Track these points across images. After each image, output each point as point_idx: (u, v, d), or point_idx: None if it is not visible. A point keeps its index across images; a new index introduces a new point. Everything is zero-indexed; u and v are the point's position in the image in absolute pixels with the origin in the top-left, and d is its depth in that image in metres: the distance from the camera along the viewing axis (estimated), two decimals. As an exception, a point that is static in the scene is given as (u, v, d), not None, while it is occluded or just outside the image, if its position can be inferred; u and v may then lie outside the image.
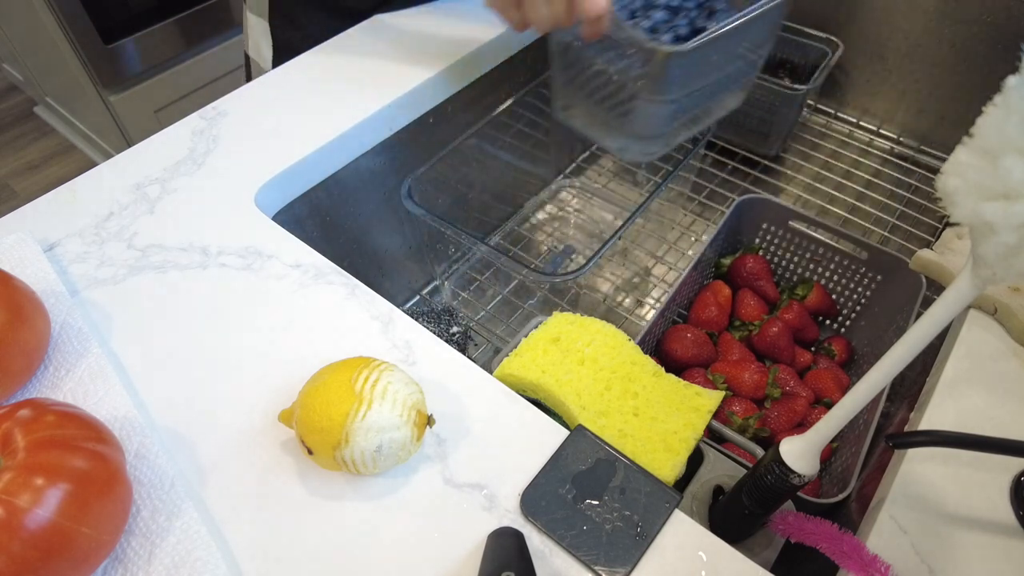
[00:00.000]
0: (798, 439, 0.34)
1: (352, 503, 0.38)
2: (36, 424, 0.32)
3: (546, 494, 0.38)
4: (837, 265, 0.67)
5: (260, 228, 0.53)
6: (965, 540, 0.39)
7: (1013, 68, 0.25)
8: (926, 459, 0.42)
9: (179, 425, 0.42)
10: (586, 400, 0.46)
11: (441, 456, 0.40)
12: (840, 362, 0.66)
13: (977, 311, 0.51)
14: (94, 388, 0.42)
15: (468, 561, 0.36)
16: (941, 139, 0.87)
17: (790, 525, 0.37)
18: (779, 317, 0.65)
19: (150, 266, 0.50)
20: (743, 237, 0.72)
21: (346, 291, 0.49)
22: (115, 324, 0.47)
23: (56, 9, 1.34)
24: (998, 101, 0.25)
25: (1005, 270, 0.26)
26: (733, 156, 0.88)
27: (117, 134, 1.64)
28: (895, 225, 0.78)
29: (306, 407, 0.37)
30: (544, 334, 0.50)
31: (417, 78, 0.66)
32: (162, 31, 1.51)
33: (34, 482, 0.30)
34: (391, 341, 0.46)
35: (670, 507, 0.38)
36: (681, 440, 0.44)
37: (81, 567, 0.32)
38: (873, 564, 0.33)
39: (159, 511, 0.37)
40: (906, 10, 0.81)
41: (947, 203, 0.27)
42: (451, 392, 0.43)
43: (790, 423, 0.59)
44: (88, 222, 0.53)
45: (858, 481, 0.48)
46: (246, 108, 0.63)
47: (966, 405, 0.45)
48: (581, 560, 0.36)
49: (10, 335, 0.39)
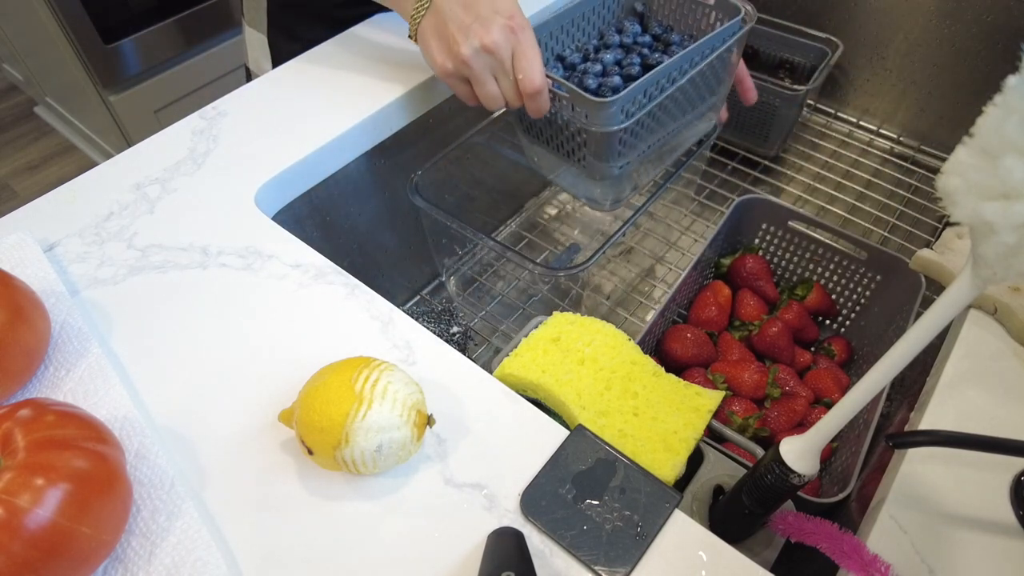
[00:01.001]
0: (798, 439, 0.34)
1: (352, 503, 0.38)
2: (36, 424, 0.32)
3: (546, 494, 0.38)
4: (837, 265, 0.67)
5: (260, 228, 0.53)
6: (965, 540, 0.39)
7: (1013, 68, 0.25)
8: (926, 459, 0.42)
9: (179, 425, 0.42)
10: (586, 400, 0.46)
11: (441, 456, 0.40)
12: (840, 362, 0.66)
13: (977, 311, 0.51)
14: (94, 388, 0.42)
15: (468, 561, 0.36)
16: (941, 139, 0.87)
17: (790, 525, 0.37)
18: (779, 317, 0.65)
19: (150, 266, 0.50)
20: (743, 237, 0.72)
21: (346, 291, 0.49)
22: (115, 324, 0.47)
23: (56, 9, 1.34)
24: (998, 101, 0.25)
25: (1005, 270, 0.26)
26: (733, 156, 0.88)
27: (117, 134, 1.64)
28: (895, 225, 0.78)
29: (306, 407, 0.37)
30: (544, 334, 0.50)
31: (417, 78, 0.66)
32: (162, 31, 1.51)
33: (34, 482, 0.30)
34: (391, 341, 0.46)
35: (670, 507, 0.38)
36: (681, 440, 0.44)
37: (81, 567, 0.32)
38: (873, 564, 0.33)
39: (159, 511, 0.37)
40: (906, 10, 0.81)
41: (947, 203, 0.27)
42: (451, 392, 0.43)
43: (790, 423, 0.59)
44: (88, 222, 0.53)
45: (858, 481, 0.48)
46: (246, 108, 0.63)
47: (966, 405, 0.45)
48: (581, 560, 0.36)
49: (10, 335, 0.39)
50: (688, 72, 0.57)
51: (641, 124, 0.57)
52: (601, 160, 0.58)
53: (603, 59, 0.61)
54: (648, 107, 0.55)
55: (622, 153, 0.58)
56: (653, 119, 0.58)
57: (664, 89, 0.56)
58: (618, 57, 0.62)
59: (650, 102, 0.55)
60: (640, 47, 0.64)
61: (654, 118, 0.58)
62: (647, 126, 0.58)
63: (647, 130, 0.59)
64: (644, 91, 0.55)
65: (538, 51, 0.53)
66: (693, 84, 0.59)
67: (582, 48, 0.66)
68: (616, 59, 0.62)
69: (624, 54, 0.63)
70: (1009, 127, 0.24)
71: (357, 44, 0.71)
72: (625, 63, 0.61)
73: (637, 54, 0.62)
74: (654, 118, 0.58)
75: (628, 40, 0.65)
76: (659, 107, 0.57)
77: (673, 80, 0.56)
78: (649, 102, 0.56)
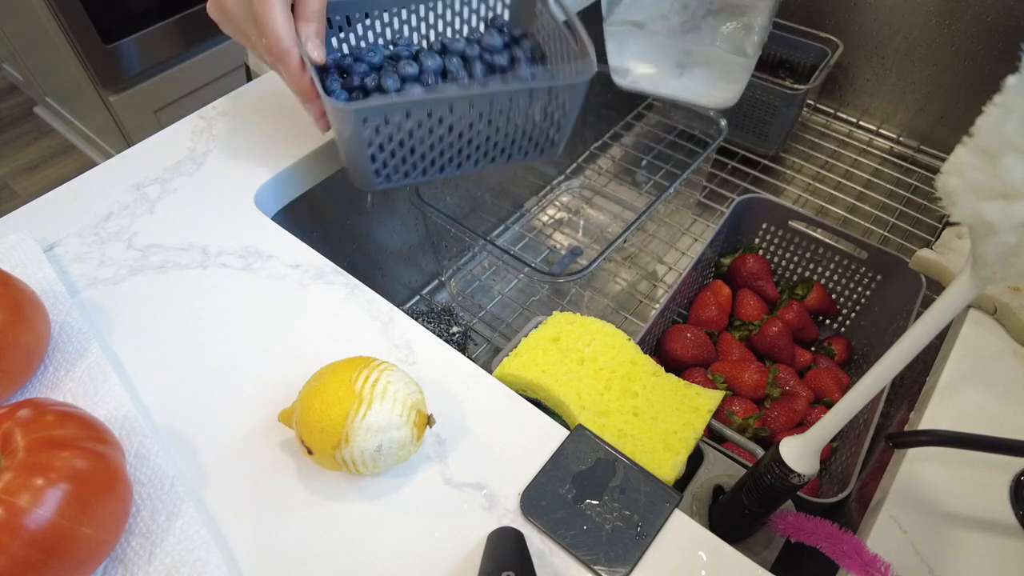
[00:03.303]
0: (798, 439, 0.34)
1: (352, 503, 0.38)
2: (36, 424, 0.32)
3: (546, 494, 0.38)
4: (837, 265, 0.67)
5: (260, 228, 0.53)
6: (965, 540, 0.39)
7: (1013, 68, 0.25)
8: (926, 459, 0.42)
9: (179, 425, 0.42)
10: (586, 400, 0.46)
11: (441, 456, 0.40)
12: (840, 362, 0.66)
13: (977, 311, 0.51)
14: (94, 388, 0.42)
15: (468, 561, 0.36)
16: (941, 139, 0.87)
17: (790, 525, 0.37)
18: (779, 317, 0.65)
19: (150, 266, 0.50)
20: (743, 237, 0.72)
21: (346, 291, 0.49)
22: (115, 324, 0.47)
23: (56, 9, 1.34)
24: (998, 101, 0.25)
25: (1005, 270, 0.26)
26: (733, 156, 0.88)
27: (117, 134, 1.64)
28: (895, 225, 0.78)
29: (306, 407, 0.37)
30: (544, 334, 0.50)
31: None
32: (162, 31, 1.51)
33: (34, 482, 0.30)
34: (391, 341, 0.46)
35: (670, 507, 0.38)
36: (681, 440, 0.44)
37: (81, 567, 0.32)
38: (873, 564, 0.33)
39: (159, 511, 0.37)
40: (906, 10, 0.81)
41: (947, 203, 0.27)
42: (451, 392, 0.43)
43: (790, 423, 0.59)
44: (88, 222, 0.53)
45: (858, 481, 0.48)
46: (246, 108, 0.63)
47: (966, 405, 0.45)
48: (581, 560, 0.36)
49: (10, 335, 0.39)
50: (483, 114, 0.49)
51: (403, 145, 0.49)
52: (358, 171, 0.50)
53: (424, 60, 0.54)
54: (406, 128, 0.47)
55: (387, 169, 0.50)
56: (427, 145, 0.50)
57: (436, 118, 0.48)
58: (447, 64, 0.54)
59: (411, 120, 0.47)
60: (490, 52, 0.56)
61: (427, 144, 0.50)
62: (421, 152, 0.50)
63: (424, 157, 0.51)
64: (406, 111, 0.46)
65: (277, 8, 0.45)
66: (493, 121, 0.50)
67: (470, 35, 0.58)
68: (440, 65, 0.54)
69: (461, 62, 0.55)
70: (1009, 127, 0.24)
71: (357, 44, 0.71)
72: (452, 68, 0.54)
73: (481, 59, 0.55)
74: (427, 144, 0.50)
75: (470, 51, 0.56)
76: (431, 134, 0.49)
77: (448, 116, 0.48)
78: (408, 120, 0.47)
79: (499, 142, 0.53)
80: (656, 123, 0.92)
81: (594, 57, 0.49)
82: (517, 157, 0.55)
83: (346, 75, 0.54)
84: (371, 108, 0.45)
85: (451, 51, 0.56)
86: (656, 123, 0.92)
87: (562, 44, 0.54)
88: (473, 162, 0.54)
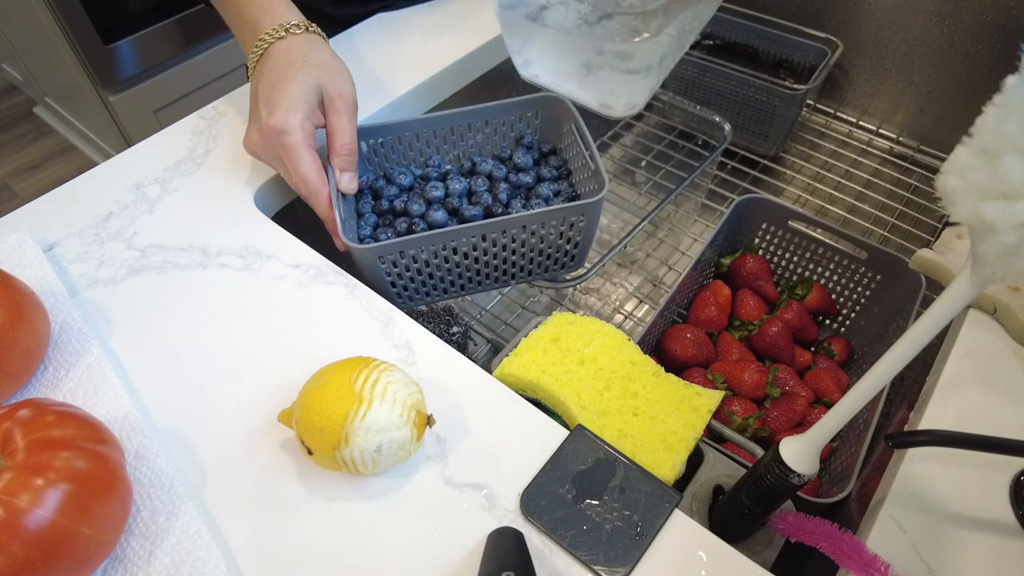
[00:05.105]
0: (798, 439, 0.34)
1: (352, 503, 0.38)
2: (36, 424, 0.32)
3: (546, 494, 0.38)
4: (837, 265, 0.67)
5: (260, 228, 0.53)
6: (965, 540, 0.39)
7: (1013, 68, 0.24)
8: (926, 459, 0.42)
9: (179, 425, 0.42)
10: (586, 400, 0.46)
11: (441, 456, 0.40)
12: (840, 362, 0.66)
13: (977, 311, 0.51)
14: (94, 388, 0.42)
15: (468, 561, 0.36)
16: (941, 139, 0.87)
17: (790, 525, 0.37)
18: (779, 317, 0.65)
19: (150, 266, 0.50)
20: (743, 237, 0.72)
21: (346, 291, 0.49)
22: (115, 324, 0.47)
23: (55, 9, 1.34)
24: (998, 101, 0.25)
25: (1005, 270, 0.26)
26: (733, 156, 0.88)
27: (117, 134, 1.64)
28: (895, 225, 0.78)
29: (306, 407, 0.37)
30: (544, 334, 0.50)
31: (417, 79, 0.66)
32: (162, 31, 1.51)
33: (34, 482, 0.30)
34: (391, 341, 0.46)
35: (670, 507, 0.38)
36: (681, 440, 0.44)
37: (81, 567, 0.32)
38: (873, 564, 0.33)
39: (159, 511, 0.37)
40: (906, 10, 0.81)
41: (947, 203, 0.27)
42: (451, 392, 0.43)
43: (790, 423, 0.59)
44: (88, 222, 0.53)
45: (858, 481, 0.48)
46: (246, 108, 0.63)
47: (966, 405, 0.45)
48: (581, 560, 0.36)
49: (10, 335, 0.39)
50: (493, 248, 0.50)
51: (416, 279, 0.52)
52: (381, 293, 0.51)
53: (451, 183, 0.55)
54: (422, 258, 0.49)
55: (408, 292, 0.53)
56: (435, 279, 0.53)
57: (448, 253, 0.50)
58: (472, 185, 0.56)
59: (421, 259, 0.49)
60: (516, 172, 0.58)
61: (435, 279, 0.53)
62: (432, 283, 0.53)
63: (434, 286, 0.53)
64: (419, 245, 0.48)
65: (303, 155, 0.49)
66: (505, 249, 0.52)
67: (500, 155, 0.60)
68: (466, 187, 0.56)
69: (488, 182, 0.57)
70: (1009, 127, 0.24)
71: (356, 45, 0.71)
72: (478, 189, 0.56)
73: (507, 180, 0.57)
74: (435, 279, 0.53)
75: (497, 171, 0.57)
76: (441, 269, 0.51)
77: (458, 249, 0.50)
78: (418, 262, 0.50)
79: (517, 261, 0.54)
80: (656, 123, 0.92)
81: (607, 183, 0.50)
82: (538, 273, 0.57)
83: (378, 198, 0.56)
84: (383, 247, 0.47)
85: (479, 172, 0.57)
86: (656, 123, 0.92)
87: (585, 160, 0.55)
88: (493, 280, 0.56)
